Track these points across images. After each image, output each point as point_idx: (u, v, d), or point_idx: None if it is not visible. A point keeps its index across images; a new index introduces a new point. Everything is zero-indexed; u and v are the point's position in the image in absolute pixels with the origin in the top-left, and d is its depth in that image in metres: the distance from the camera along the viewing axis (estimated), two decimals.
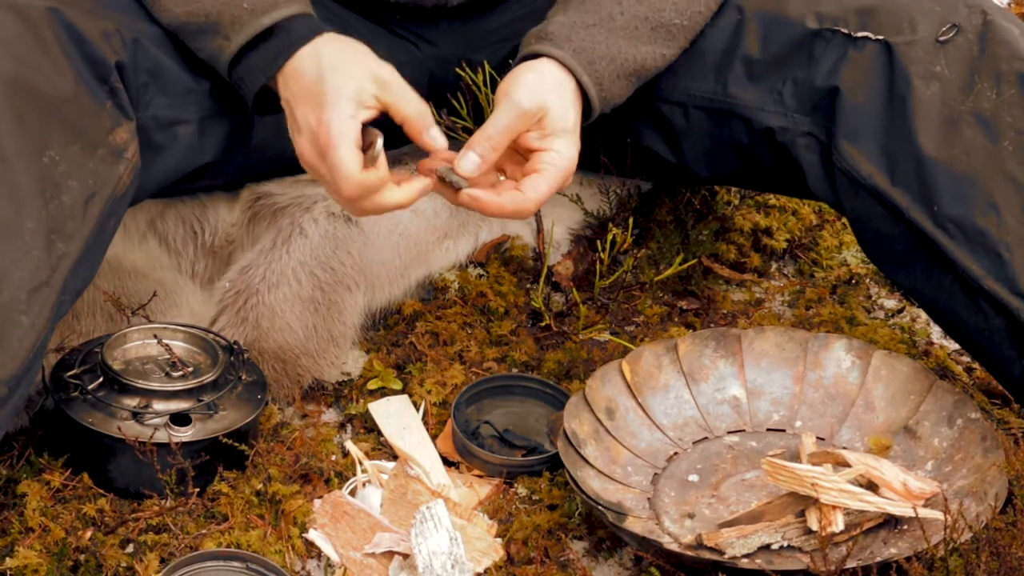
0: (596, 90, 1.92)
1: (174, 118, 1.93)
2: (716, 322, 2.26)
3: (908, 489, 1.78)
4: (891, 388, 1.99)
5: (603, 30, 1.93)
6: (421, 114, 1.85)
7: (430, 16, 2.12)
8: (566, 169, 1.88)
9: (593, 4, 1.95)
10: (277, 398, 2.07)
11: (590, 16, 1.94)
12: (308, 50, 1.86)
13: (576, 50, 1.92)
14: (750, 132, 2.01)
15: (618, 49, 1.94)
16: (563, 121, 1.88)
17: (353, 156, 1.81)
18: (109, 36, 1.84)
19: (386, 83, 1.84)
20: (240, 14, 1.87)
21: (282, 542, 1.83)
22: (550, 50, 1.92)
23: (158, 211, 2.17)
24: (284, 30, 1.87)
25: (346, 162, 1.80)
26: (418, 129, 1.86)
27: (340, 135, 1.80)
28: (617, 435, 1.95)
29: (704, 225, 2.36)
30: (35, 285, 1.70)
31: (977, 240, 1.85)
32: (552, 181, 1.87)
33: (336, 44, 1.87)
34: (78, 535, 1.81)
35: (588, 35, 1.93)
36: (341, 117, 1.81)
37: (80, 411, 1.87)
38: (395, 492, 1.92)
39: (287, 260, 2.10)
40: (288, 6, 1.87)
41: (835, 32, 1.94)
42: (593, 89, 1.92)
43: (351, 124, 1.81)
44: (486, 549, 1.84)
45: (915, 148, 1.87)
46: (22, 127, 1.73)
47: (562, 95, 1.90)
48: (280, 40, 1.86)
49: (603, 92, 1.93)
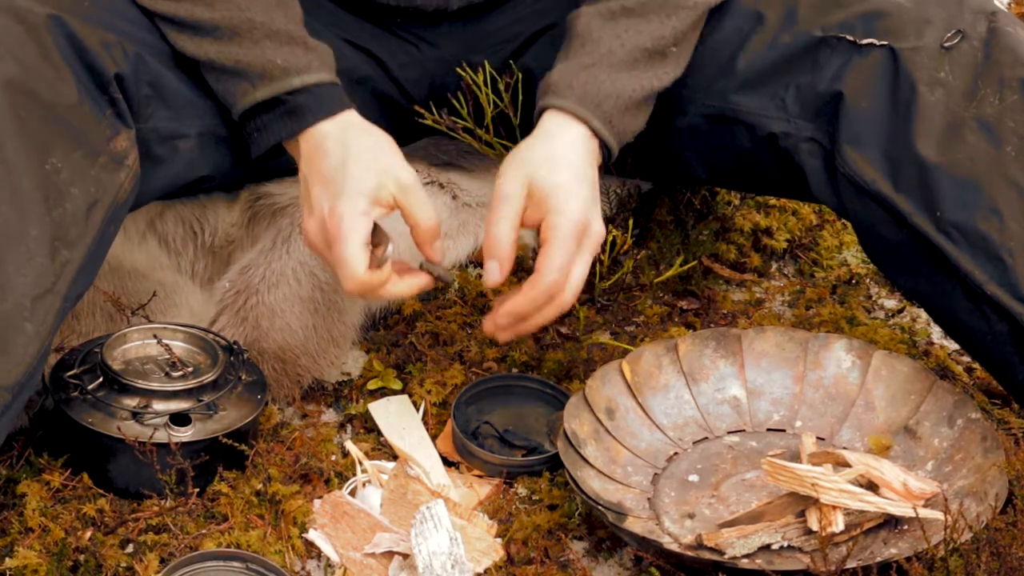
0: (608, 129, 1.92)
1: (175, 131, 1.93)
2: (716, 322, 2.26)
3: (908, 489, 1.78)
4: (891, 388, 1.99)
5: (604, 68, 1.93)
6: (433, 226, 1.89)
7: (431, 19, 2.11)
8: (574, 228, 1.86)
9: (592, 43, 1.94)
10: (277, 398, 2.07)
11: (589, 56, 1.93)
12: (332, 129, 1.88)
13: (581, 95, 1.91)
14: (753, 137, 2.01)
15: (623, 84, 1.93)
16: (554, 178, 1.87)
17: (360, 255, 1.83)
18: (110, 47, 1.84)
19: (406, 188, 1.86)
20: (272, 69, 1.89)
21: (282, 542, 1.83)
22: (554, 101, 1.91)
23: (158, 212, 2.17)
24: (312, 96, 1.89)
25: (352, 260, 1.82)
26: (426, 239, 1.89)
27: (351, 230, 1.83)
28: (617, 435, 1.95)
29: (704, 225, 2.36)
30: (39, 292, 1.70)
31: (980, 245, 1.85)
32: (561, 246, 1.85)
33: (364, 134, 1.89)
34: (78, 535, 1.81)
35: (590, 76, 1.92)
36: (355, 212, 1.83)
37: (80, 411, 1.87)
38: (395, 492, 1.92)
39: (287, 260, 2.10)
40: (320, 72, 1.90)
41: (840, 39, 1.94)
42: (605, 129, 1.91)
43: (363, 221, 1.83)
44: (486, 549, 1.84)
45: (918, 154, 1.87)
46: (25, 133, 1.73)
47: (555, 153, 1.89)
48: (305, 105, 1.88)
49: (615, 128, 1.93)
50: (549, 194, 1.86)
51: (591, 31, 1.95)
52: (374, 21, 2.12)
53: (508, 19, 2.14)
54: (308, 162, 1.89)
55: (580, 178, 1.89)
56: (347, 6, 2.10)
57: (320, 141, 1.88)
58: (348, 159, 1.85)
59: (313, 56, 1.90)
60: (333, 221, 1.83)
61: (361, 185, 1.84)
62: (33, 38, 1.78)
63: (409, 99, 2.15)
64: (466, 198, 2.27)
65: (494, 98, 2.10)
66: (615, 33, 1.94)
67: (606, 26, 1.94)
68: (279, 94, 1.88)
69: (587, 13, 1.96)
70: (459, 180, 2.29)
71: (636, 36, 1.94)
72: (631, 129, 1.95)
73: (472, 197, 2.27)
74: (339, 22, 2.09)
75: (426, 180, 2.26)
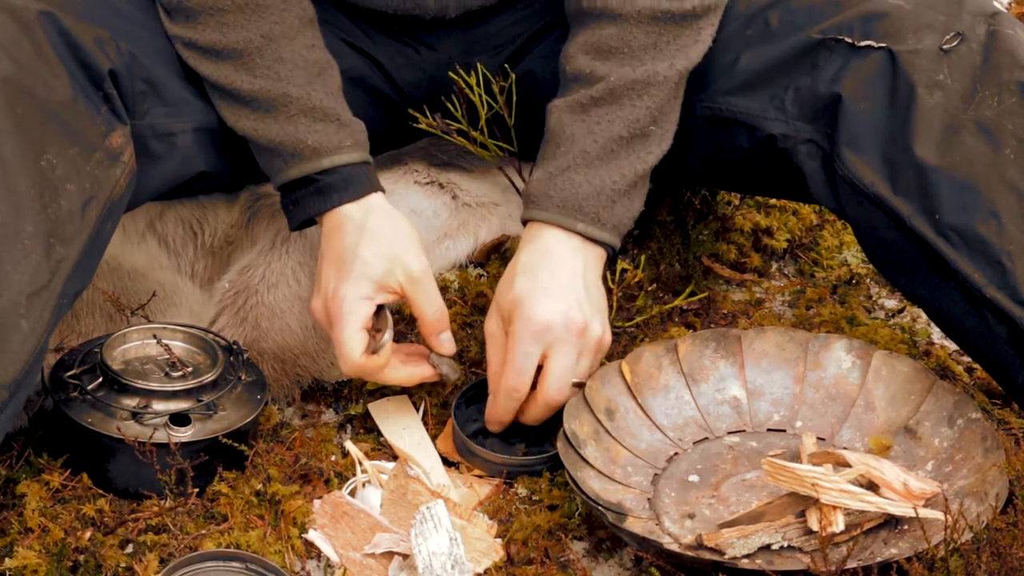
0: (598, 228, 1.93)
1: (171, 127, 1.94)
2: (716, 322, 2.26)
3: (908, 489, 1.78)
4: (891, 388, 1.99)
5: (580, 168, 1.94)
6: (439, 319, 1.93)
7: (429, 26, 2.11)
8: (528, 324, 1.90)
9: (566, 143, 1.95)
10: (277, 398, 2.07)
11: (564, 159, 1.94)
12: (354, 211, 1.92)
13: (560, 203, 1.93)
14: (752, 139, 2.01)
15: (601, 179, 1.94)
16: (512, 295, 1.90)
17: (357, 338, 1.88)
18: (103, 43, 1.84)
19: (415, 279, 1.90)
20: (303, 149, 1.92)
21: (282, 542, 1.83)
22: (536, 214, 1.94)
23: (157, 212, 2.17)
24: (339, 176, 1.93)
25: (349, 343, 1.88)
26: (432, 331, 1.93)
27: (350, 314, 1.87)
28: (617, 435, 1.95)
29: (704, 225, 2.35)
30: (35, 289, 1.70)
31: (978, 248, 1.85)
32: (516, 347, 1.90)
33: (384, 219, 1.93)
34: (77, 535, 1.81)
35: (566, 181, 1.94)
36: (356, 296, 1.88)
37: (79, 411, 1.87)
38: (395, 492, 1.92)
39: (287, 260, 2.09)
40: (350, 152, 1.93)
41: (839, 41, 1.93)
42: (595, 230, 1.93)
43: (364, 305, 1.88)
44: (486, 549, 1.84)
45: (917, 156, 1.87)
46: (20, 130, 1.73)
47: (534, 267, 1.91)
48: (333, 185, 1.92)
49: (608, 224, 1.94)
50: (511, 308, 1.91)
51: (563, 128, 1.95)
52: (373, 25, 2.11)
53: (506, 22, 2.13)
54: (326, 240, 1.93)
55: (562, 284, 1.91)
56: (345, 10, 2.10)
57: (341, 222, 1.92)
58: (361, 241, 1.90)
59: (345, 134, 1.93)
60: (335, 302, 1.88)
61: (368, 270, 1.89)
62: (26, 35, 1.78)
63: (407, 100, 2.15)
64: (466, 198, 2.27)
65: (488, 99, 2.09)
66: (587, 128, 1.94)
67: (576, 121, 1.95)
68: (310, 174, 1.92)
69: (558, 108, 1.97)
70: (459, 180, 2.29)
71: (609, 127, 1.94)
72: (627, 217, 1.97)
73: (472, 197, 2.27)
74: (338, 23, 2.09)
75: (426, 180, 2.26)
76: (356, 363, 1.89)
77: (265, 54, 1.92)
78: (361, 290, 1.88)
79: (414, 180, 2.26)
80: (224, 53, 1.92)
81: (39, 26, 1.79)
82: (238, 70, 1.92)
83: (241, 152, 1.99)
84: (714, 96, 2.01)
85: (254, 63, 1.92)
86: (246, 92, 1.92)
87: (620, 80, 1.94)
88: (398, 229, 1.93)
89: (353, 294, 1.88)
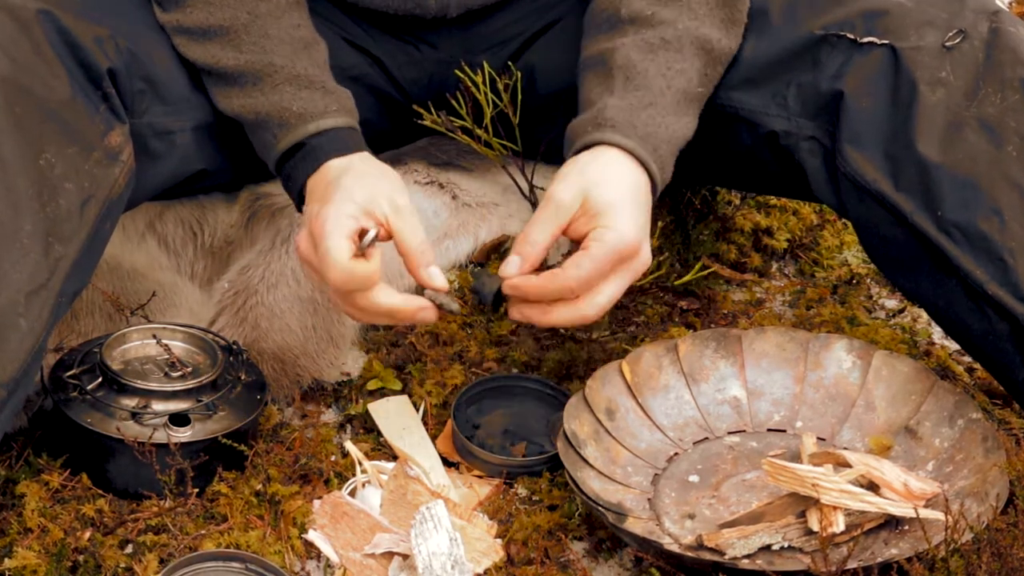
0: (660, 175, 1.88)
1: (171, 126, 1.93)
2: (717, 322, 2.26)
3: (909, 489, 1.78)
4: (892, 388, 1.99)
5: (659, 110, 1.88)
6: (424, 250, 1.82)
7: (430, 25, 2.11)
8: (615, 243, 1.79)
9: (642, 80, 1.89)
10: (276, 398, 2.06)
11: (645, 95, 1.89)
12: (339, 162, 1.87)
13: (643, 136, 1.86)
14: (753, 135, 2.00)
15: (673, 129, 1.89)
16: (607, 198, 1.81)
17: (343, 245, 1.78)
18: (102, 41, 1.84)
19: (399, 209, 1.82)
20: (288, 116, 1.89)
21: (281, 543, 1.83)
22: (616, 139, 1.86)
23: (157, 212, 2.17)
24: (326, 138, 1.88)
25: (335, 249, 1.77)
26: (417, 264, 1.82)
27: (335, 227, 1.79)
28: (617, 436, 1.95)
29: (705, 225, 2.35)
30: (33, 288, 1.70)
31: (981, 245, 1.84)
32: (598, 257, 1.79)
33: (370, 163, 1.88)
34: (77, 536, 1.81)
35: (649, 118, 1.87)
36: (340, 213, 1.79)
37: (79, 411, 1.87)
38: (395, 493, 1.92)
39: (286, 260, 2.09)
40: (336, 117, 1.90)
41: (841, 37, 1.93)
42: (658, 175, 1.87)
43: (348, 221, 1.79)
44: (486, 550, 1.84)
45: (919, 153, 1.86)
46: (19, 129, 1.73)
47: (607, 177, 1.83)
48: (319, 147, 1.88)
49: (664, 175, 1.89)
50: (603, 210, 1.81)
51: (634, 65, 1.89)
52: (373, 23, 2.11)
53: (508, 20, 2.13)
54: (311, 192, 1.87)
55: (637, 204, 1.84)
56: (345, 9, 2.09)
57: (325, 173, 1.87)
58: (344, 176, 1.84)
59: (331, 100, 1.91)
60: (318, 222, 1.80)
61: (352, 195, 1.82)
62: (25, 33, 1.78)
63: (408, 98, 2.15)
64: (466, 198, 2.26)
65: (493, 98, 2.09)
66: (659, 70, 1.90)
67: (647, 60, 1.90)
68: (297, 140, 1.89)
69: (624, 46, 1.91)
70: (459, 180, 2.28)
71: (679, 76, 1.90)
72: (668, 178, 1.91)
73: (472, 197, 2.27)
74: (338, 21, 2.09)
75: (426, 180, 2.26)
76: (345, 268, 1.78)
77: (251, 30, 1.91)
78: (345, 209, 1.80)
79: (414, 180, 2.25)
80: (211, 32, 1.91)
81: (38, 25, 1.79)
82: (224, 47, 1.91)
83: (240, 150, 1.99)
84: (715, 91, 2.00)
85: (240, 40, 1.91)
86: (233, 68, 1.91)
87: (687, 31, 1.91)
88: (383, 170, 1.88)
89: (336, 212, 1.80)
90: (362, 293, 1.81)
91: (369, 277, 1.80)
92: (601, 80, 1.92)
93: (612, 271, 1.82)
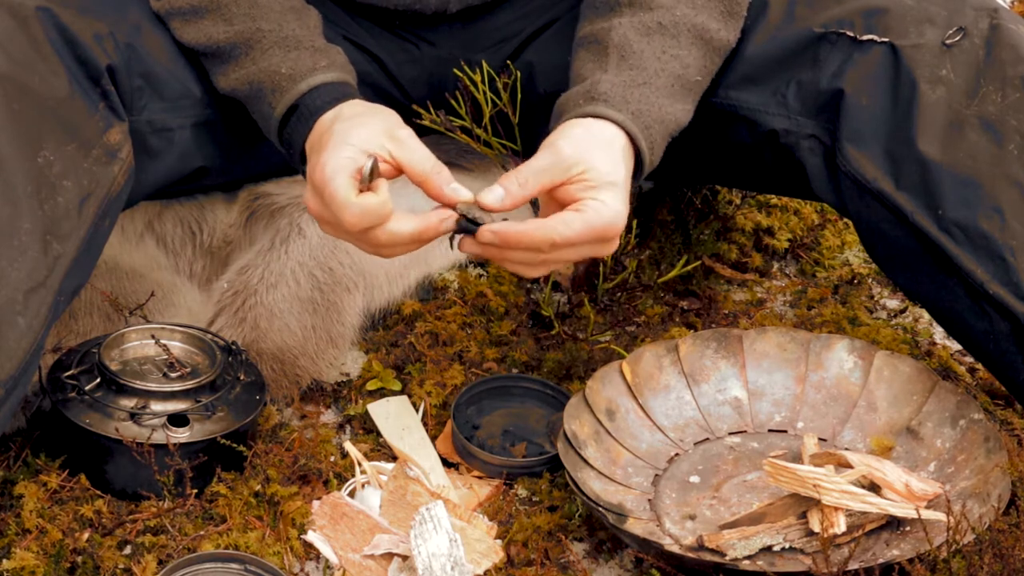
0: (648, 155, 1.85)
1: (169, 122, 1.93)
2: (717, 322, 2.26)
3: (910, 490, 1.77)
4: (893, 389, 1.98)
5: (652, 89, 1.86)
6: (439, 170, 1.78)
7: (430, 21, 2.11)
8: (608, 218, 1.76)
9: (636, 60, 1.87)
10: (276, 399, 2.06)
11: (638, 74, 1.87)
12: (329, 112, 1.84)
13: (635, 113, 1.84)
14: (753, 134, 2.00)
15: (666, 111, 1.87)
16: (610, 175, 1.78)
17: (347, 183, 1.73)
18: (101, 38, 1.84)
19: (400, 140, 1.77)
20: (280, 81, 1.87)
21: (280, 544, 1.82)
22: (607, 112, 1.83)
23: (156, 212, 2.16)
24: (318, 93, 1.85)
25: (340, 189, 1.73)
26: (438, 185, 1.77)
27: (335, 170, 1.74)
28: (618, 436, 1.94)
29: (706, 225, 2.35)
30: (32, 286, 1.70)
31: (981, 244, 1.84)
32: (588, 223, 1.75)
33: (360, 105, 1.85)
34: (75, 536, 1.80)
35: (642, 96, 1.85)
36: (338, 157, 1.75)
37: (77, 412, 1.86)
38: (394, 493, 1.92)
39: (285, 260, 2.09)
40: (326, 72, 1.87)
41: (840, 35, 1.93)
42: (647, 155, 1.85)
43: (347, 162, 1.74)
44: (486, 551, 1.84)
45: (920, 152, 1.86)
46: (17, 127, 1.72)
47: (611, 153, 1.81)
48: (312, 104, 1.85)
49: (652, 157, 1.86)
50: (603, 186, 1.77)
51: (630, 44, 1.88)
52: (373, 21, 2.11)
53: (507, 18, 2.13)
54: (309, 153, 1.84)
55: (627, 188, 1.82)
56: (345, 6, 2.09)
57: (318, 129, 1.83)
58: (336, 121, 1.80)
59: (320, 57, 1.88)
60: (319, 171, 1.75)
61: (346, 137, 1.76)
62: (23, 31, 1.78)
63: (408, 97, 2.15)
64: None
65: (492, 97, 2.09)
66: (654, 53, 1.88)
67: (643, 41, 1.89)
68: (292, 103, 1.86)
69: (621, 25, 1.90)
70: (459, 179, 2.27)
71: (671, 62, 1.89)
72: (656, 162, 1.88)
73: None
74: (337, 19, 2.09)
75: None
76: (354, 205, 1.72)
77: (240, 1, 1.90)
78: (342, 152, 1.74)
79: None
80: (201, 9, 1.91)
81: (36, 22, 1.79)
82: (216, 22, 1.90)
83: (240, 147, 1.98)
84: (715, 89, 2.00)
85: (230, 12, 1.90)
86: (225, 41, 1.90)
87: (684, 18, 1.90)
88: (375, 108, 1.83)
89: (334, 156, 1.74)
90: (381, 228, 1.75)
91: (382, 207, 1.74)
92: (595, 57, 1.90)
93: (589, 244, 1.78)
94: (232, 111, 1.96)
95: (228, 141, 1.99)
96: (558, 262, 1.80)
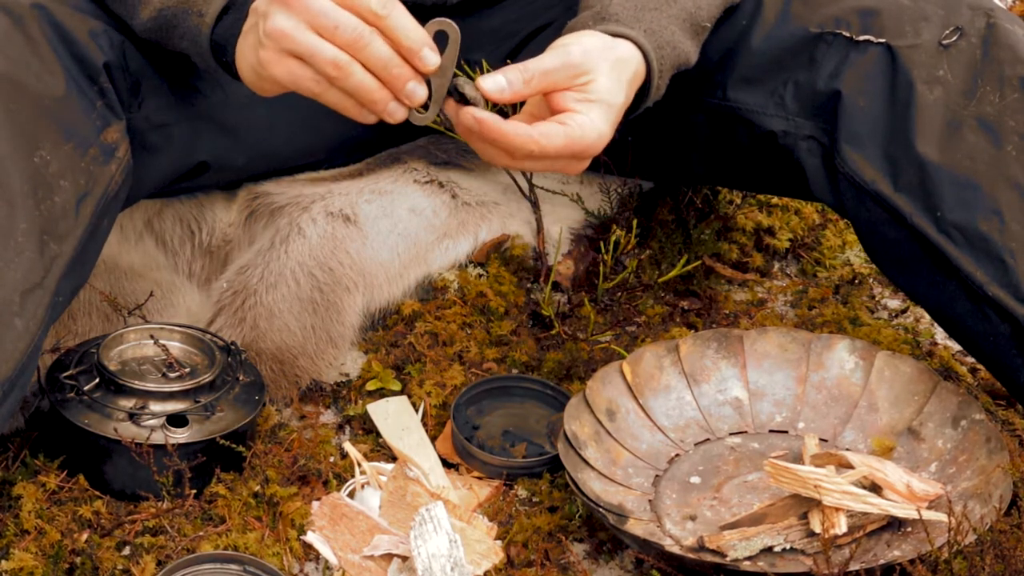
0: (657, 78, 1.80)
1: (167, 118, 1.92)
2: (718, 322, 2.25)
3: (912, 491, 1.77)
4: (894, 389, 1.98)
5: (665, 15, 1.82)
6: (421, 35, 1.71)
7: (428, 15, 2.10)
8: (591, 140, 1.71)
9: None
10: (275, 399, 2.06)
11: (650, 0, 1.83)
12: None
13: (647, 31, 1.79)
14: (751, 135, 2.00)
15: (677, 37, 1.83)
16: (609, 94, 1.73)
17: None
18: (97, 36, 1.83)
19: None
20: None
21: (280, 544, 1.82)
22: (619, 29, 1.78)
23: (155, 211, 2.16)
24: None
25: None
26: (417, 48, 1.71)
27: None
28: (618, 437, 1.94)
29: (706, 224, 2.35)
30: (29, 287, 1.69)
31: (981, 246, 1.84)
32: (570, 138, 1.69)
33: None
34: (74, 537, 1.80)
35: (655, 18, 1.81)
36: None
37: (76, 412, 1.86)
38: (394, 494, 1.91)
39: (285, 260, 2.09)
40: None
41: (837, 35, 1.92)
42: (656, 77, 1.80)
43: None
44: (486, 551, 1.83)
45: (918, 153, 1.86)
46: (13, 126, 1.72)
47: (620, 73, 1.75)
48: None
49: (660, 82, 1.81)
50: (600, 104, 1.73)
51: None
52: None
53: (506, 16, 2.13)
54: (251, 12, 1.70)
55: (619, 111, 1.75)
56: None
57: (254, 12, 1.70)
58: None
59: None
60: None
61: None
62: (19, 29, 1.77)
63: None
64: (466, 197, 2.26)
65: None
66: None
67: None
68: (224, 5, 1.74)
69: None
70: (459, 179, 2.28)
71: None
72: (662, 92, 1.83)
73: (472, 196, 2.26)
74: None
75: (426, 179, 2.26)
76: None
77: None
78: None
79: (413, 179, 2.25)
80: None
81: (32, 20, 1.78)
82: None
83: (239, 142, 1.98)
84: (713, 90, 2.00)
85: None
86: None
87: None
88: None
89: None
90: (377, 16, 1.68)
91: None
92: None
93: (564, 160, 1.73)
94: (231, 105, 1.95)
95: (227, 135, 1.99)
96: (528, 168, 1.76)
